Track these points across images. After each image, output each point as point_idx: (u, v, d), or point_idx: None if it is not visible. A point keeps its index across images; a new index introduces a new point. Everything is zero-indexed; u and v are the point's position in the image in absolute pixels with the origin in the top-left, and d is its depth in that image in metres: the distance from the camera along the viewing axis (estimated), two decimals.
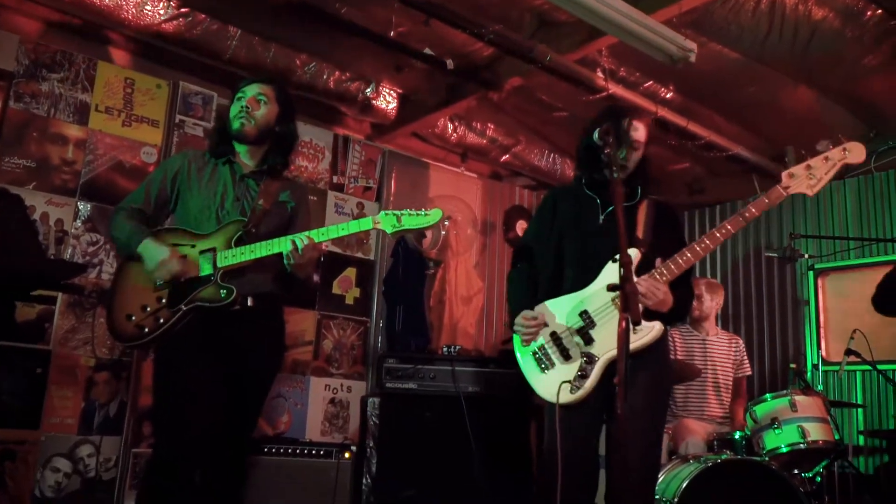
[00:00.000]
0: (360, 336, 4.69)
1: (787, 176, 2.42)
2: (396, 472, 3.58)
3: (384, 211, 2.65)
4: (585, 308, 2.51)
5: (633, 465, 2.35)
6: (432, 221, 2.59)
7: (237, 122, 2.77)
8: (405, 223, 2.62)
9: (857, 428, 4.73)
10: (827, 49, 3.92)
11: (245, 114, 2.77)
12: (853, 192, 5.11)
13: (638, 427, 2.40)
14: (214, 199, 2.74)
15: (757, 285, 5.46)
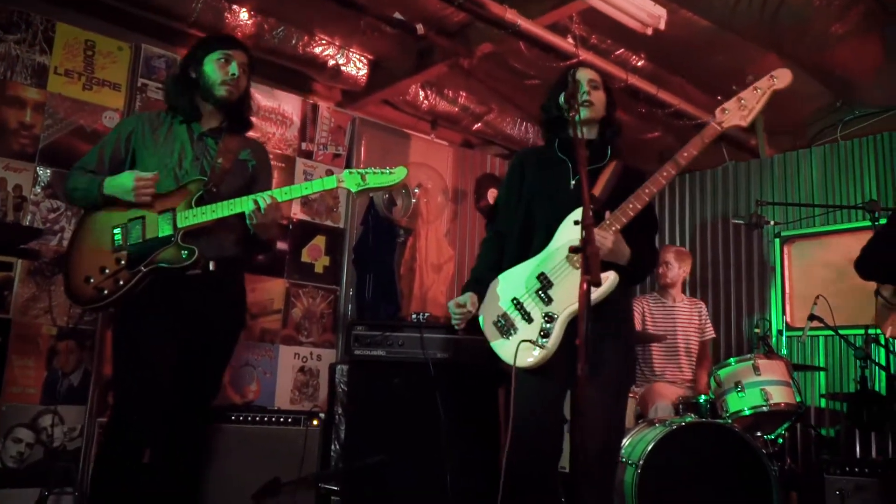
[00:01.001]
0: (330, 304, 4.66)
1: (720, 111, 2.46)
2: (365, 439, 3.58)
3: (348, 170, 2.63)
4: (542, 270, 2.51)
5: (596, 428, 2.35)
6: (397, 180, 2.59)
7: (223, 89, 2.73)
8: (370, 181, 2.61)
9: (819, 391, 4.83)
10: (795, 17, 3.93)
11: (235, 83, 2.74)
12: (819, 161, 5.16)
13: (602, 391, 2.40)
14: (172, 159, 2.70)
15: (724, 252, 5.52)
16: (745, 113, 2.43)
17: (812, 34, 4.08)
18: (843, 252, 4.93)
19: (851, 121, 5.05)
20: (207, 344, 2.74)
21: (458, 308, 2.58)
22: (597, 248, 1.95)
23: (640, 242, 2.52)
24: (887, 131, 4.88)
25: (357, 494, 3.49)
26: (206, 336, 2.71)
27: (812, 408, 4.84)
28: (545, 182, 2.64)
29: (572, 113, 2.35)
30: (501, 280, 2.60)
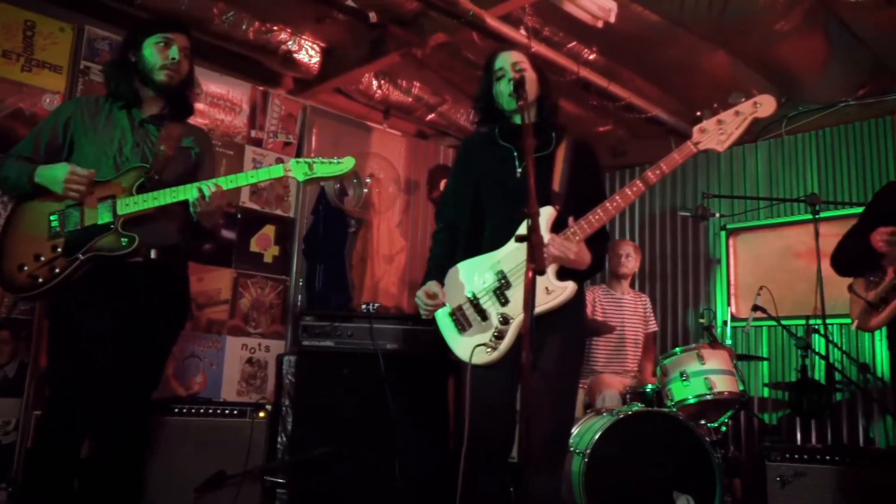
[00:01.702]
0: (280, 295, 4.60)
1: (698, 131, 2.39)
2: (312, 431, 3.55)
3: (295, 159, 2.59)
4: (501, 268, 2.48)
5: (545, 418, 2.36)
6: (345, 169, 2.56)
7: (163, 74, 2.67)
8: (317, 171, 2.58)
9: (762, 380, 4.95)
10: (741, 14, 3.99)
11: (176, 67, 2.67)
12: (764, 155, 5.28)
13: (551, 383, 2.41)
14: (111, 146, 2.62)
15: (672, 244, 5.61)
16: (723, 138, 2.36)
17: (757, 31, 4.15)
18: (785, 244, 5.07)
19: (795, 116, 5.17)
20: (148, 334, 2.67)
21: (430, 299, 2.52)
22: (541, 238, 1.95)
23: (597, 249, 2.52)
24: (829, 127, 5.01)
25: (304, 487, 3.45)
26: (146, 326, 2.65)
27: (755, 397, 4.96)
28: (492, 171, 2.61)
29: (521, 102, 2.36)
30: (460, 270, 2.57)
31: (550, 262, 2.40)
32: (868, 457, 3.22)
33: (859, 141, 4.87)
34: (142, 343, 2.65)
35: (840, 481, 3.23)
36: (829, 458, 3.27)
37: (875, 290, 2.79)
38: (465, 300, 2.51)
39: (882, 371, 4.52)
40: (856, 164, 4.86)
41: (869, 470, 3.19)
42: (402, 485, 3.38)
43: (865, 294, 2.83)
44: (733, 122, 2.38)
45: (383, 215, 4.98)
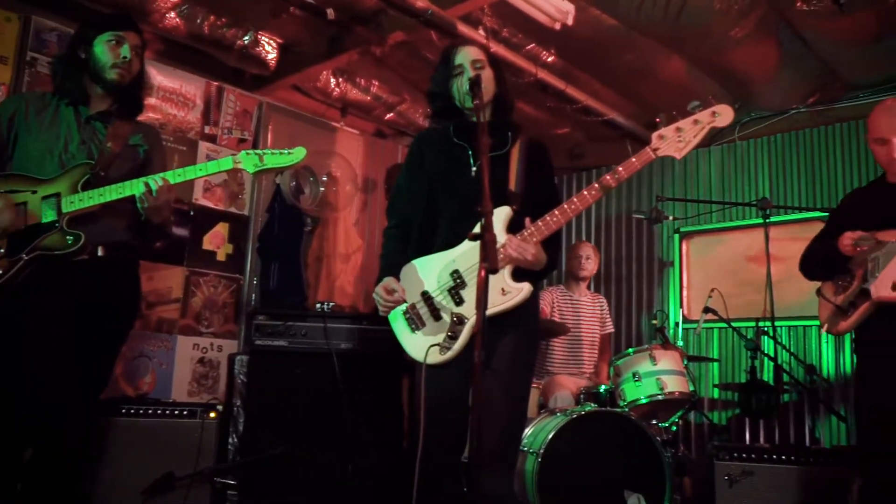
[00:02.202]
0: (233, 294, 4.53)
1: (656, 138, 2.40)
2: (264, 431, 3.49)
3: (245, 150, 2.55)
4: (457, 267, 2.46)
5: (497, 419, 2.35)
6: (296, 160, 2.53)
7: (114, 72, 2.61)
8: (268, 162, 2.54)
9: (712, 381, 5.03)
10: (696, 20, 4.04)
11: (127, 66, 2.61)
12: (717, 159, 5.37)
13: (504, 383, 2.41)
14: (57, 143, 2.56)
15: (626, 247, 5.68)
16: (681, 145, 2.36)
17: (712, 37, 4.22)
18: (737, 248, 5.16)
19: (748, 122, 5.27)
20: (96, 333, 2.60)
21: (389, 294, 2.49)
22: (494, 237, 1.95)
23: (552, 250, 2.52)
24: (780, 133, 5.12)
25: (255, 488, 3.40)
26: (94, 325, 2.58)
27: (706, 397, 5.05)
28: (446, 169, 2.58)
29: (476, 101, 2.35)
30: (414, 268, 2.54)
31: (507, 262, 2.40)
32: (813, 456, 3.29)
33: (809, 147, 4.99)
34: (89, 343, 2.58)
35: (786, 480, 3.29)
36: (775, 458, 3.34)
37: (844, 294, 2.85)
38: (419, 299, 2.49)
39: (828, 372, 4.64)
40: (806, 169, 4.97)
41: (814, 468, 3.26)
42: (356, 485, 3.35)
43: (834, 298, 2.88)
44: (692, 130, 2.38)
45: (340, 214, 4.94)
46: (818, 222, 4.77)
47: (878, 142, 2.71)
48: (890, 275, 2.65)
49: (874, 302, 2.69)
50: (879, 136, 2.70)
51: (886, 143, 2.69)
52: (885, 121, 2.69)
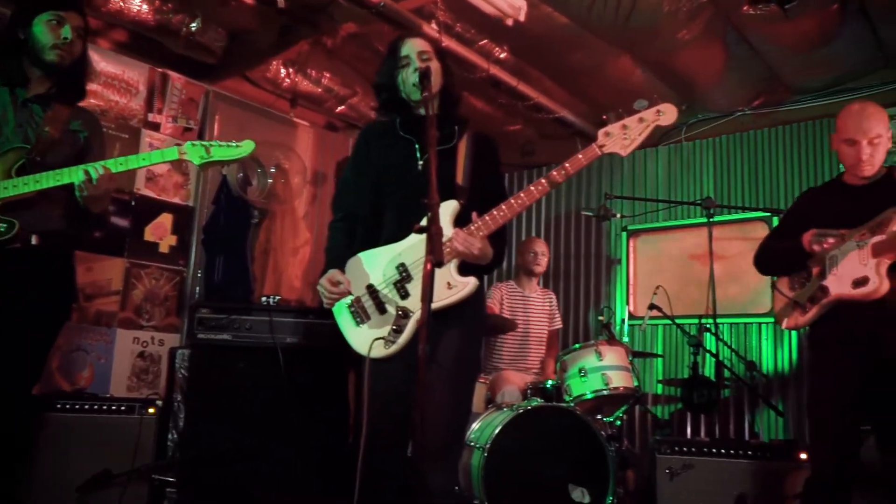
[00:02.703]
0: (176, 286, 4.43)
1: (603, 135, 2.44)
2: (206, 427, 3.42)
3: (191, 141, 2.49)
4: (403, 261, 2.45)
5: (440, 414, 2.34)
6: (244, 153, 2.49)
7: (53, 53, 2.53)
8: (214, 154, 2.49)
9: (656, 377, 5.12)
10: (646, 21, 4.10)
11: (67, 48, 2.53)
12: (664, 159, 5.46)
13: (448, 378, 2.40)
14: None
15: (575, 243, 5.74)
16: (626, 143, 2.41)
17: (661, 38, 4.28)
18: (682, 246, 5.26)
19: (695, 123, 5.37)
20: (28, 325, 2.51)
21: (334, 286, 2.45)
22: (440, 229, 1.93)
23: (498, 245, 2.53)
24: (726, 134, 5.22)
25: (195, 485, 3.33)
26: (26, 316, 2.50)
27: (650, 392, 5.13)
28: (392, 162, 2.57)
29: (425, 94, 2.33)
30: (359, 261, 2.52)
31: (454, 256, 2.40)
32: (752, 449, 3.36)
33: (753, 149, 5.10)
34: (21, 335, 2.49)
35: (725, 473, 3.36)
36: (715, 451, 3.40)
37: (800, 289, 2.92)
38: (365, 292, 2.47)
39: (767, 368, 4.76)
40: (749, 170, 5.09)
41: (753, 462, 3.33)
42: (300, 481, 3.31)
43: (789, 292, 2.96)
44: (637, 128, 2.42)
45: (288, 206, 4.87)
46: (760, 222, 4.93)
47: (848, 142, 2.78)
48: (849, 272, 2.72)
49: (833, 299, 2.76)
50: (849, 137, 2.77)
51: (855, 143, 2.76)
52: (856, 123, 2.76)
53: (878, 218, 2.70)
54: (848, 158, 2.81)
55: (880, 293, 2.65)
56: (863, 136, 2.74)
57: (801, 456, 3.26)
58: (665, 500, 3.44)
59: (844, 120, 2.81)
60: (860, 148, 2.75)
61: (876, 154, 2.76)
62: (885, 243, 2.66)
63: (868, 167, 2.77)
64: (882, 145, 2.75)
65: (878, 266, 2.66)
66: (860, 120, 2.75)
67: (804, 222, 2.89)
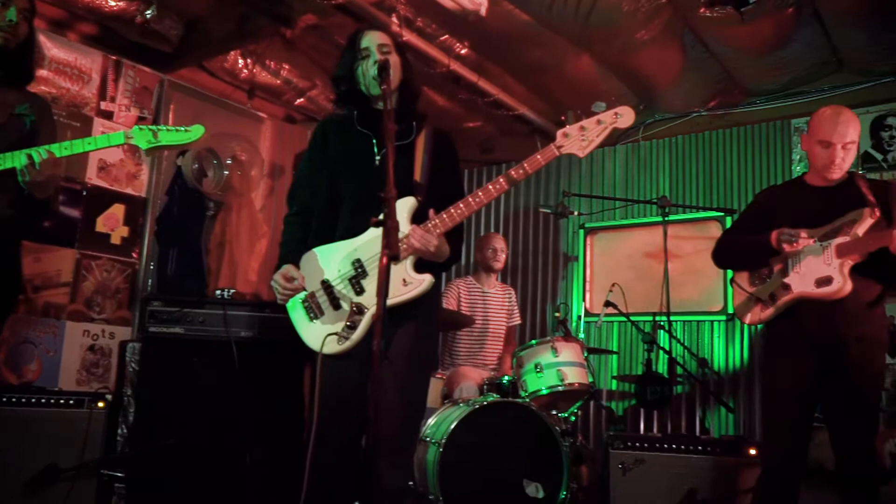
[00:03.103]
0: (128, 279, 4.33)
1: (561, 135, 2.44)
2: (157, 422, 3.35)
3: (138, 126, 2.44)
4: (359, 256, 2.44)
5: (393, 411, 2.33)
6: (193, 138, 2.45)
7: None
8: (162, 139, 2.44)
9: (610, 373, 5.18)
10: (606, 20, 4.13)
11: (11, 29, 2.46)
12: (621, 158, 5.52)
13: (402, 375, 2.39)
14: None
15: (533, 240, 5.77)
16: (584, 144, 2.41)
17: (620, 38, 4.32)
18: (637, 244, 5.32)
19: (652, 123, 5.44)
20: None
21: (288, 282, 2.43)
22: (397, 223, 1.92)
23: (455, 242, 2.53)
24: (682, 135, 5.30)
25: (144, 481, 3.26)
26: None
27: (604, 389, 5.19)
28: (349, 157, 2.54)
29: (384, 87, 2.32)
30: (314, 256, 2.50)
31: (411, 252, 2.39)
32: (702, 445, 3.43)
33: (708, 149, 5.18)
34: None
35: (676, 468, 3.42)
36: (667, 447, 3.46)
37: (761, 284, 2.97)
38: (319, 287, 2.45)
39: (718, 366, 4.85)
40: (704, 170, 5.17)
41: (703, 457, 3.40)
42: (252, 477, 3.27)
43: (749, 287, 3.00)
44: (595, 129, 2.43)
45: (245, 199, 4.80)
46: (714, 222, 5.01)
47: (823, 144, 2.82)
48: (812, 271, 2.79)
49: (795, 296, 2.82)
50: (825, 140, 2.81)
51: (830, 146, 2.80)
52: (834, 127, 2.80)
53: (843, 219, 2.77)
54: (820, 160, 2.85)
55: (844, 293, 2.71)
56: (838, 140, 2.78)
57: (750, 451, 3.34)
58: (618, 495, 3.49)
59: (820, 122, 2.84)
60: (834, 151, 2.79)
61: (847, 158, 2.81)
62: (849, 245, 2.73)
63: (838, 170, 2.83)
64: (852, 151, 2.81)
65: (842, 266, 2.72)
66: (837, 124, 2.80)
67: (765, 219, 2.94)
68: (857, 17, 3.99)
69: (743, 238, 3.04)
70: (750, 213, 3.14)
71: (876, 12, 3.91)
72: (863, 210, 2.74)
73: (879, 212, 2.73)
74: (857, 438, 2.71)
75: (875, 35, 4.15)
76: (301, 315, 2.49)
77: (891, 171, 4.47)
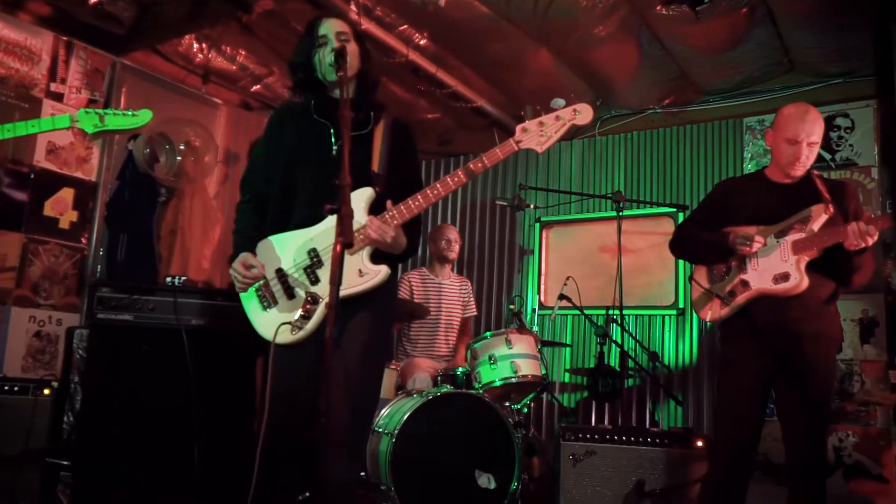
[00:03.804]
0: (76, 264, 4.23)
1: (520, 130, 2.46)
2: (104, 410, 3.27)
3: (84, 109, 2.38)
4: (314, 246, 2.42)
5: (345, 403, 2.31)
6: (140, 123, 2.41)
7: None
8: (109, 123, 2.40)
9: (564, 366, 5.24)
10: (564, 15, 4.16)
11: None
12: (578, 153, 5.57)
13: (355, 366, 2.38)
14: None
15: (490, 233, 5.80)
16: (542, 139, 2.43)
17: (578, 33, 4.36)
18: (592, 238, 5.39)
19: (608, 119, 5.50)
20: None
21: (247, 270, 2.40)
22: (351, 210, 1.91)
23: (412, 234, 2.53)
24: (637, 131, 5.37)
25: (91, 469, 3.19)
26: None
27: (557, 381, 5.25)
28: (305, 146, 2.51)
29: (340, 73, 2.30)
30: (269, 245, 2.48)
31: (367, 243, 2.38)
32: (651, 436, 3.49)
33: (662, 146, 5.26)
34: None
35: (625, 459, 3.48)
36: (617, 438, 3.52)
37: (719, 281, 3.00)
38: (273, 276, 2.43)
39: (669, 359, 4.94)
40: (658, 167, 5.25)
41: (652, 448, 3.46)
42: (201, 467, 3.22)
43: (707, 283, 3.04)
44: (554, 125, 2.44)
45: (198, 186, 4.72)
46: (667, 218, 5.10)
47: (789, 141, 2.85)
48: (770, 268, 2.83)
49: (754, 293, 2.86)
50: (792, 137, 2.84)
51: (797, 144, 2.84)
52: (799, 124, 2.83)
53: (799, 216, 2.82)
54: (784, 156, 2.88)
55: (801, 289, 2.76)
56: (805, 138, 2.82)
57: (698, 443, 3.41)
58: (568, 486, 3.54)
59: (788, 119, 2.87)
60: (800, 148, 2.83)
61: (811, 156, 2.86)
62: (805, 241, 2.78)
63: (802, 167, 2.88)
64: (815, 150, 2.86)
65: (799, 262, 2.77)
66: (804, 122, 2.83)
67: (724, 212, 2.99)
68: (808, 19, 4.09)
69: (700, 233, 3.07)
70: (708, 205, 3.17)
71: (826, 15, 4.01)
72: (818, 206, 2.79)
73: (833, 208, 2.78)
74: (808, 433, 2.76)
75: (825, 38, 4.26)
76: (254, 304, 2.47)
77: (838, 171, 4.60)
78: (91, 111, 2.41)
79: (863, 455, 4.23)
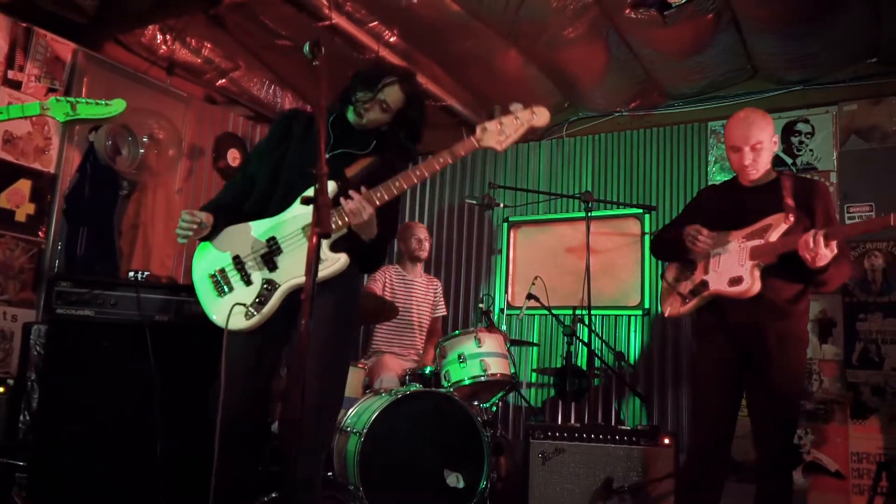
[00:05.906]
0: (33, 258, 4.10)
1: (481, 129, 2.55)
2: (63, 408, 3.15)
3: (55, 97, 2.32)
4: (274, 234, 2.47)
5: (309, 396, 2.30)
6: (114, 112, 2.37)
7: None
8: (81, 112, 2.34)
9: (531, 365, 5.25)
10: (534, 15, 4.17)
11: None
12: (546, 153, 5.60)
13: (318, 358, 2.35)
14: None
15: (458, 232, 5.79)
16: (502, 139, 2.52)
17: (548, 34, 4.37)
18: (560, 239, 5.41)
19: (576, 121, 5.54)
20: None
21: (191, 217, 2.43)
22: (328, 200, 1.89)
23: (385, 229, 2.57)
24: (604, 133, 5.42)
25: (48, 469, 3.09)
26: None
27: (525, 380, 5.25)
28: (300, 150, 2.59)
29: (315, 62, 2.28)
30: (227, 234, 2.52)
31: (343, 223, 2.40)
32: (619, 434, 3.51)
33: (629, 148, 5.31)
34: None
35: (594, 456, 3.49)
36: (584, 436, 3.53)
37: (685, 280, 3.08)
38: (230, 262, 2.45)
39: (634, 359, 4.98)
40: (625, 168, 5.30)
41: (619, 446, 3.48)
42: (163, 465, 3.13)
43: (674, 283, 3.11)
44: (512, 125, 2.53)
45: (161, 179, 4.61)
46: (633, 219, 5.15)
47: (733, 149, 2.95)
48: (727, 270, 2.90)
49: (711, 293, 2.95)
50: (733, 145, 2.94)
51: (739, 150, 2.92)
52: (739, 132, 2.92)
53: (760, 223, 2.89)
54: (734, 164, 2.99)
55: (751, 293, 2.83)
56: (744, 143, 2.90)
57: (664, 440, 3.44)
58: (537, 484, 3.53)
59: (730, 128, 2.97)
60: (743, 154, 2.91)
61: (759, 159, 2.92)
62: (761, 248, 2.85)
63: (752, 171, 2.94)
64: (765, 150, 2.92)
65: (753, 269, 2.84)
66: (742, 128, 2.92)
67: (695, 216, 3.09)
68: (770, 26, 4.16)
69: (670, 233, 3.18)
70: (686, 210, 3.31)
71: (788, 23, 4.09)
72: (778, 215, 2.86)
73: (794, 216, 2.84)
74: (773, 430, 2.83)
75: (787, 45, 4.34)
76: (208, 290, 2.49)
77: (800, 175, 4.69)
78: (62, 99, 2.35)
79: (821, 452, 4.32)
